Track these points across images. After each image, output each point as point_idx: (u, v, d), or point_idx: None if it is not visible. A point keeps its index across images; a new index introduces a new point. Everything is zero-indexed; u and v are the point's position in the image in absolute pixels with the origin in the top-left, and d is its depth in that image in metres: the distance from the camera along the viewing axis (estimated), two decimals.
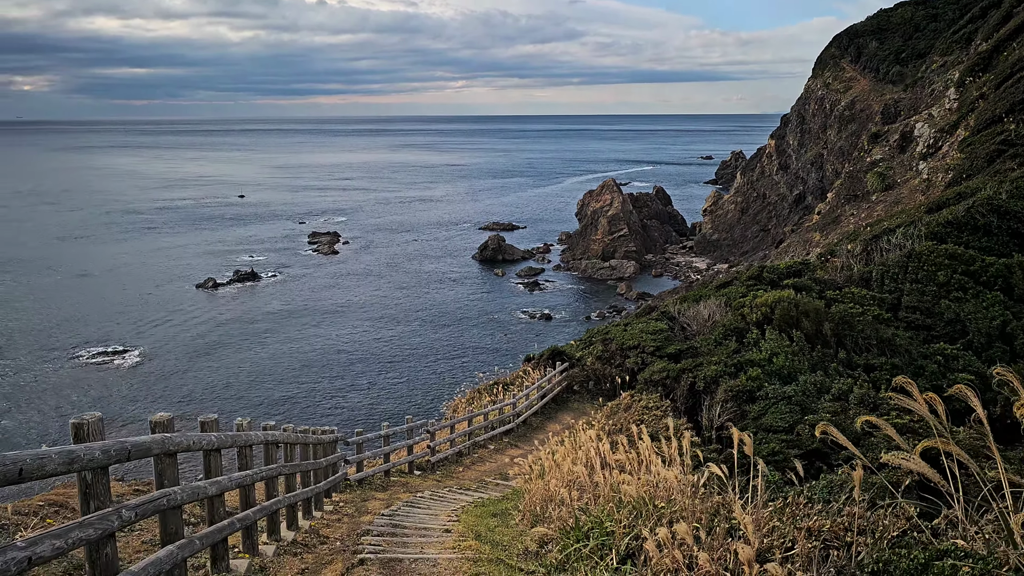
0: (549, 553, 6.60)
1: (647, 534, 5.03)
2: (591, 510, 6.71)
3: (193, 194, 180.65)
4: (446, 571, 7.08)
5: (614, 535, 5.75)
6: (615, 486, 6.94)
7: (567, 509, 8.02)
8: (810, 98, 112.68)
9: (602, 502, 6.79)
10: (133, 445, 4.40)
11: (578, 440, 15.56)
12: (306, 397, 55.27)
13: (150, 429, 5.17)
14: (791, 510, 5.19)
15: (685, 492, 5.91)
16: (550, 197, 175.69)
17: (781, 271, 27.33)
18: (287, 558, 7.42)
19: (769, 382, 18.70)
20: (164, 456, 5.07)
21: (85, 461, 3.83)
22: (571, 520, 6.77)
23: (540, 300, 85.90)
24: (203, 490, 5.62)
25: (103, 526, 3.91)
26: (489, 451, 19.68)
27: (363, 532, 9.02)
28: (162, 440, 4.91)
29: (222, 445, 6.06)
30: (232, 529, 6.22)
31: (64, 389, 56.59)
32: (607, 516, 6.13)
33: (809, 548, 4.17)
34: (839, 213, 51.75)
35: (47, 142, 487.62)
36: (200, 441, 5.61)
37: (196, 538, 5.40)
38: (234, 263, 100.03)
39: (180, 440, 5.18)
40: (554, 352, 27.20)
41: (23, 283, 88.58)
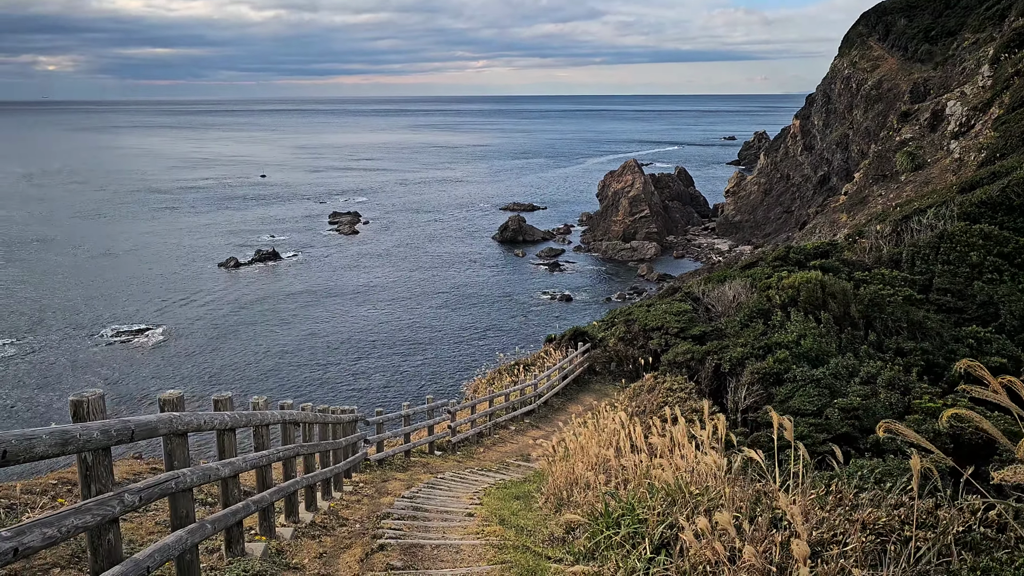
0: (577, 540, 6.33)
1: (684, 523, 4.73)
2: (620, 495, 6.42)
3: (215, 174, 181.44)
4: (469, 557, 6.84)
5: (647, 523, 5.46)
6: (646, 471, 6.65)
7: (594, 493, 7.74)
8: (836, 77, 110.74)
9: (632, 487, 6.50)
10: (137, 425, 4.13)
11: (601, 422, 15.29)
12: (327, 377, 55.43)
13: (159, 407, 4.94)
14: (838, 499, 4.86)
15: (720, 478, 5.59)
16: (571, 178, 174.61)
17: (808, 252, 26.76)
18: (305, 541, 7.22)
19: (797, 365, 18.29)
20: (173, 436, 4.82)
21: (82, 442, 3.57)
22: (600, 505, 6.49)
23: (560, 281, 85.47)
24: (215, 472, 5.38)
25: (102, 512, 3.66)
26: (510, 432, 19.47)
27: (383, 515, 8.81)
28: (169, 419, 4.68)
29: (236, 425, 5.81)
30: (247, 512, 6.00)
31: (89, 367, 57.14)
32: (639, 502, 5.84)
33: (864, 543, 3.85)
34: (866, 194, 50.74)
35: (72, 122, 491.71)
36: (212, 420, 5.35)
37: (208, 522, 5.17)
38: (256, 243, 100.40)
39: (190, 419, 4.94)
40: (576, 333, 26.88)
41: (49, 261, 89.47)
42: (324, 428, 9.94)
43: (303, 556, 6.69)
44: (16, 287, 78.35)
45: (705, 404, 7.54)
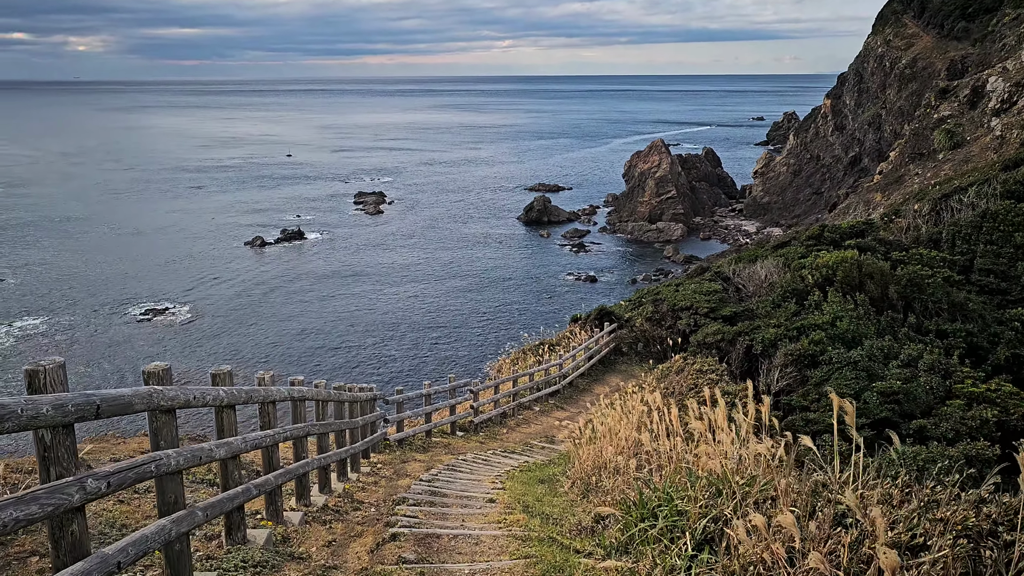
0: (608, 531, 5.81)
1: (735, 518, 4.19)
2: (656, 483, 5.88)
3: (242, 153, 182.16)
4: (490, 550, 6.32)
5: (687, 515, 4.91)
6: (684, 456, 6.09)
7: (624, 479, 7.21)
8: (869, 56, 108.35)
9: (669, 474, 5.95)
10: (105, 399, 3.59)
11: (629, 403, 14.75)
12: (350, 356, 55.38)
13: (143, 380, 4.45)
14: (905, 493, 4.28)
15: (771, 467, 5.02)
16: (596, 158, 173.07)
17: (843, 231, 25.88)
18: (314, 527, 6.76)
19: (832, 346, 17.58)
20: (159, 413, 4.33)
21: (26, 419, 3.04)
22: (632, 493, 5.96)
23: (585, 262, 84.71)
24: (207, 453, 4.84)
25: (55, 501, 3.11)
26: (534, 413, 18.97)
27: (399, 500, 8.33)
28: (148, 394, 4.14)
29: (234, 401, 5.29)
30: (247, 496, 5.51)
31: (115, 344, 57.56)
32: (676, 491, 5.29)
33: (951, 547, 3.28)
34: (902, 172, 49.33)
35: (102, 102, 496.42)
36: (204, 396, 4.79)
37: (200, 509, 4.65)
38: (282, 221, 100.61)
39: (175, 395, 4.39)
40: (602, 312, 26.27)
41: (79, 240, 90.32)
42: (339, 407, 9.49)
43: (310, 544, 6.22)
44: (48, 264, 79.20)
45: (748, 386, 6.93)
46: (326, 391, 8.34)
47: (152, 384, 4.36)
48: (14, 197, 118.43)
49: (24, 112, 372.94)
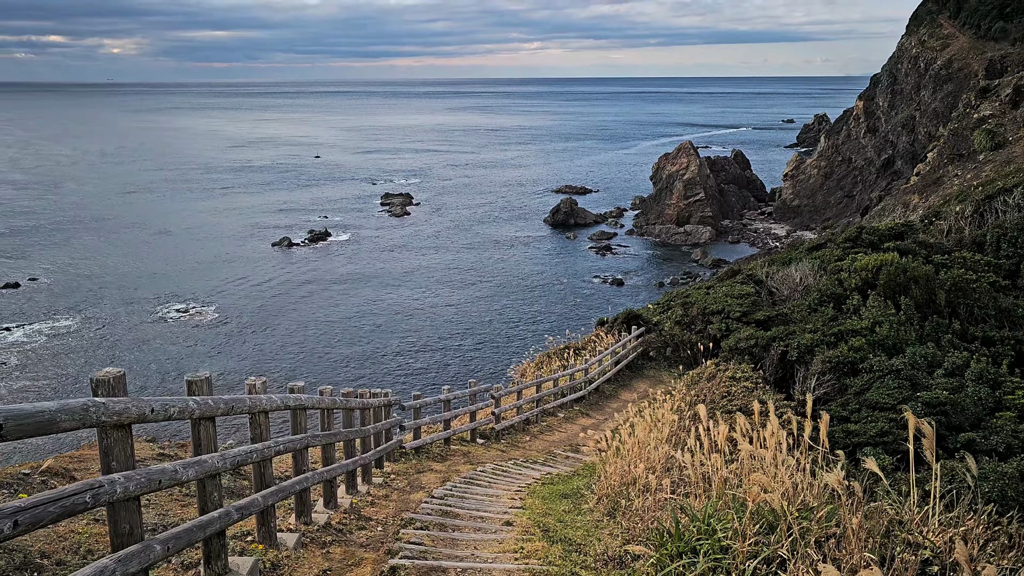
0: (638, 563, 5.12)
1: (794, 561, 3.50)
2: (694, 508, 5.19)
3: (270, 155, 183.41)
4: None
5: (733, 553, 4.22)
6: (729, 479, 5.40)
7: (656, 500, 6.52)
8: (903, 57, 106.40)
9: (710, 500, 5.26)
10: (9, 416, 2.87)
11: (658, 412, 14.02)
12: (374, 358, 55.04)
13: (91, 388, 3.81)
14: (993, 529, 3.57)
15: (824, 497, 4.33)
16: (624, 161, 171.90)
17: (882, 232, 24.88)
18: (310, 551, 6.13)
19: (873, 354, 16.69)
20: (111, 429, 3.70)
21: None
22: (667, 521, 5.27)
23: (612, 265, 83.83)
24: (170, 475, 4.10)
25: None
26: (558, 420, 18.27)
27: (406, 521, 7.65)
28: (83, 409, 3.43)
29: (208, 412, 4.60)
30: (225, 522, 4.85)
31: (142, 343, 57.75)
32: (719, 520, 4.61)
33: None
34: (941, 174, 47.92)
35: (135, 103, 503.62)
36: (167, 408, 4.07)
37: (158, 542, 3.92)
38: (309, 222, 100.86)
39: (122, 408, 3.64)
40: (629, 316, 25.49)
41: (111, 239, 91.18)
42: (348, 414, 8.87)
43: (301, 574, 5.60)
44: (80, 263, 79.97)
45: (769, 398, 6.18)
46: (330, 398, 7.71)
47: (101, 393, 3.74)
48: (50, 197, 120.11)
49: (61, 113, 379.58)
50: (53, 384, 50.18)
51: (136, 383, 50.17)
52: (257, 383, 5.85)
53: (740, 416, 6.95)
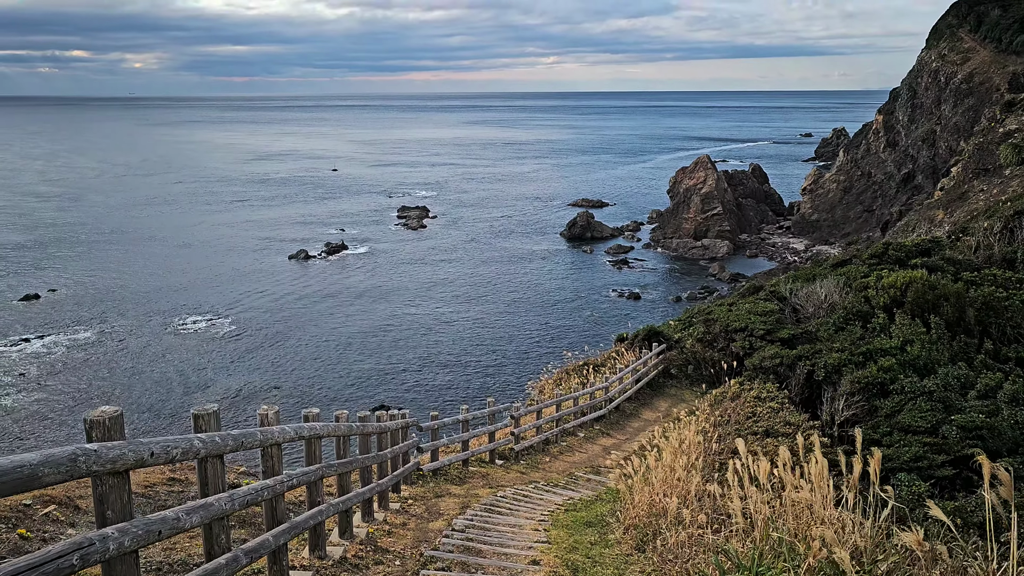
0: None
1: None
2: (738, 553, 4.78)
3: (288, 167, 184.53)
4: None
5: None
6: (772, 519, 5.02)
7: (689, 534, 6.13)
8: (923, 71, 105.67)
9: (755, 543, 4.87)
10: None
11: (683, 433, 13.60)
12: (391, 373, 54.76)
13: (85, 431, 3.39)
14: None
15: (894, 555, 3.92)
16: (640, 175, 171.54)
17: (909, 248, 24.33)
18: None
19: (904, 374, 16.18)
20: (106, 476, 3.28)
21: None
22: (709, 567, 4.89)
23: (629, 279, 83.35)
24: (172, 524, 3.57)
25: None
26: (578, 439, 17.85)
27: (426, 560, 7.26)
28: (71, 459, 2.93)
29: (216, 451, 4.21)
30: (233, 568, 4.29)
31: (159, 356, 57.83)
32: (770, 572, 4.21)
33: None
34: (966, 189, 47.21)
35: (156, 117, 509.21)
36: (170, 450, 3.52)
37: None
38: (325, 235, 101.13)
39: (118, 454, 3.10)
40: (650, 332, 25.04)
41: (129, 251, 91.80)
42: (365, 440, 8.54)
43: None
44: (99, 274, 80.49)
45: (857, 433, 5.79)
46: (346, 424, 7.38)
47: (96, 436, 3.38)
48: (71, 209, 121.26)
49: (84, 127, 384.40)
50: (70, 397, 50.28)
51: (151, 397, 50.19)
52: (270, 413, 5.51)
53: (784, 450, 6.54)
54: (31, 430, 44.88)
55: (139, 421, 46.09)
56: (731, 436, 14.71)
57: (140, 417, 46.80)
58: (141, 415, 47.16)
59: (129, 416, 46.79)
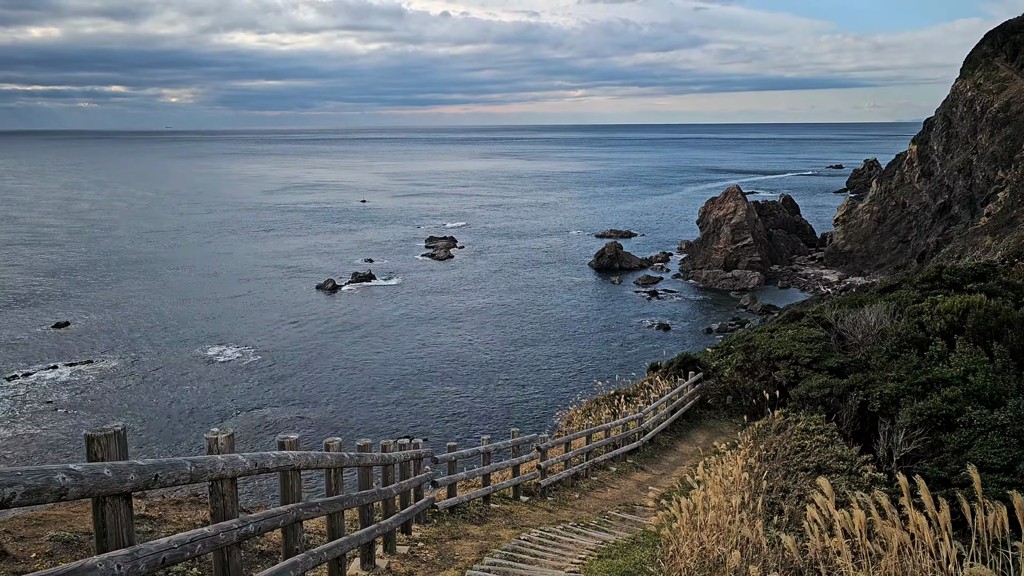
0: None
1: None
2: None
3: (319, 198, 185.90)
4: None
5: None
6: None
7: None
8: (958, 100, 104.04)
9: None
10: None
11: (725, 468, 12.25)
12: (416, 404, 53.58)
13: None
14: None
15: None
16: (669, 205, 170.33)
17: (963, 272, 22.80)
18: None
19: (972, 406, 14.68)
20: None
21: None
22: None
23: (658, 309, 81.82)
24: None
25: None
26: (610, 474, 16.48)
27: None
28: None
29: (104, 490, 3.10)
30: None
31: (184, 384, 57.27)
32: None
33: None
34: (1014, 214, 45.35)
35: (191, 150, 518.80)
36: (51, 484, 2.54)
37: None
38: (353, 265, 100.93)
39: None
40: (686, 360, 23.62)
41: (158, 280, 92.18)
42: (365, 472, 7.33)
43: None
44: (128, 302, 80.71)
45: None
46: (336, 454, 6.15)
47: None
48: (104, 239, 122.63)
49: (120, 159, 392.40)
50: (94, 424, 49.81)
51: (175, 424, 49.49)
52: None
53: (882, 496, 5.27)
54: (53, 457, 44.30)
55: (159, 448, 45.33)
56: (779, 472, 13.33)
57: (160, 445, 46.04)
58: (163, 443, 46.40)
59: (149, 443, 46.04)
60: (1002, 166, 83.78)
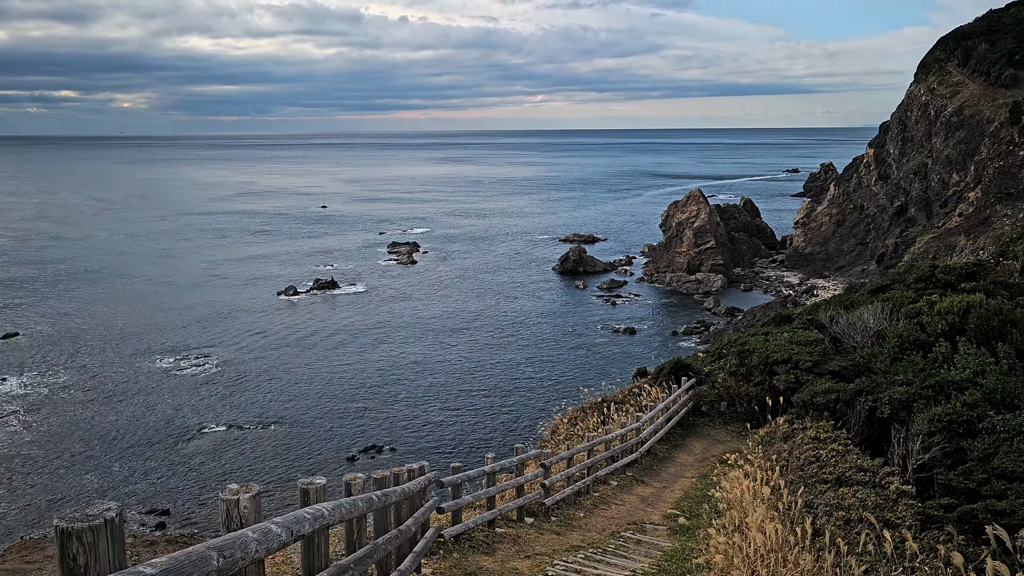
0: None
1: None
2: None
3: (278, 204, 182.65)
4: None
5: None
6: None
7: None
8: (912, 104, 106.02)
9: None
10: None
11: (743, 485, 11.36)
12: (383, 417, 51.94)
13: None
14: None
15: None
16: (631, 210, 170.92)
17: (957, 271, 22.37)
18: None
19: (996, 411, 14.01)
20: None
21: None
22: None
23: (624, 313, 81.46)
24: None
25: None
26: (611, 489, 15.46)
27: None
28: None
29: None
30: None
31: (140, 396, 54.99)
32: None
33: None
34: (988, 214, 45.62)
35: (144, 155, 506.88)
36: None
37: None
38: (315, 271, 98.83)
39: None
40: (677, 365, 22.77)
41: (113, 289, 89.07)
42: (383, 516, 6.07)
43: None
44: (81, 312, 77.73)
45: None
46: (365, 499, 4.79)
47: None
48: (54, 247, 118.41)
49: (70, 166, 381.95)
50: (52, 435, 47.35)
51: (129, 438, 47.30)
52: (244, 499, 3.02)
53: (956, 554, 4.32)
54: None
55: (119, 469, 43.23)
56: (797, 485, 12.46)
57: (120, 464, 43.90)
58: (122, 462, 44.25)
59: (106, 463, 43.90)
60: (956, 169, 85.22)
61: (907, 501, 11.48)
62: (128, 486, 40.99)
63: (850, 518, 10.22)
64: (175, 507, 38.15)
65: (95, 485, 40.93)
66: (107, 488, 40.49)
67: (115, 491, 40.25)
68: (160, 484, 41.20)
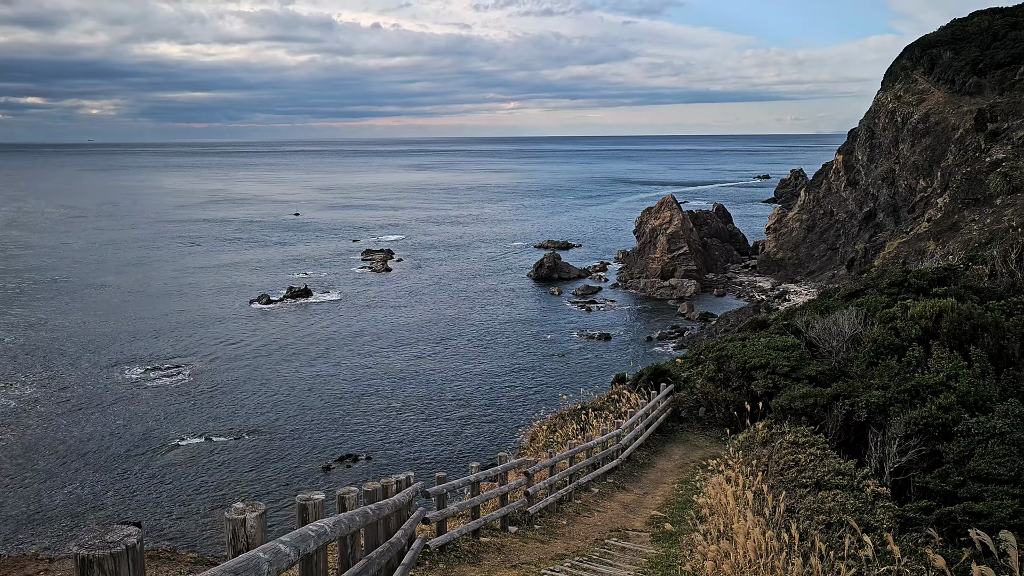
0: None
1: None
2: None
3: (250, 212, 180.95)
4: None
5: None
6: None
7: None
8: (880, 112, 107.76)
9: None
10: None
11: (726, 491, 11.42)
12: (359, 424, 51.64)
13: None
14: None
15: None
16: (605, 216, 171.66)
17: (929, 276, 22.72)
18: None
19: (970, 414, 14.23)
20: None
21: None
22: None
23: (598, 320, 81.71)
24: None
25: None
26: (592, 496, 15.47)
27: None
28: None
29: None
30: None
31: (111, 407, 54.09)
32: None
33: None
34: (956, 219, 46.47)
35: (112, 163, 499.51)
36: None
37: None
38: (288, 279, 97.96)
39: None
40: (656, 371, 22.88)
41: (81, 298, 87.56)
42: (374, 531, 5.98)
43: None
44: (48, 322, 76.27)
45: None
46: (361, 513, 4.70)
47: None
48: (20, 256, 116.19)
49: (37, 173, 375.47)
50: (21, 449, 46.35)
51: (100, 451, 46.48)
52: (251, 519, 2.98)
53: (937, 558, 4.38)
54: None
55: (95, 481, 42.45)
56: (779, 489, 12.56)
57: (96, 476, 43.11)
58: (97, 474, 43.45)
59: (81, 475, 43.11)
60: (923, 175, 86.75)
61: (884, 504, 11.61)
62: (99, 499, 40.27)
63: (831, 522, 10.34)
64: (148, 521, 37.53)
65: (65, 499, 40.16)
66: (77, 502, 39.75)
67: (86, 504, 39.53)
68: (131, 497, 40.54)
